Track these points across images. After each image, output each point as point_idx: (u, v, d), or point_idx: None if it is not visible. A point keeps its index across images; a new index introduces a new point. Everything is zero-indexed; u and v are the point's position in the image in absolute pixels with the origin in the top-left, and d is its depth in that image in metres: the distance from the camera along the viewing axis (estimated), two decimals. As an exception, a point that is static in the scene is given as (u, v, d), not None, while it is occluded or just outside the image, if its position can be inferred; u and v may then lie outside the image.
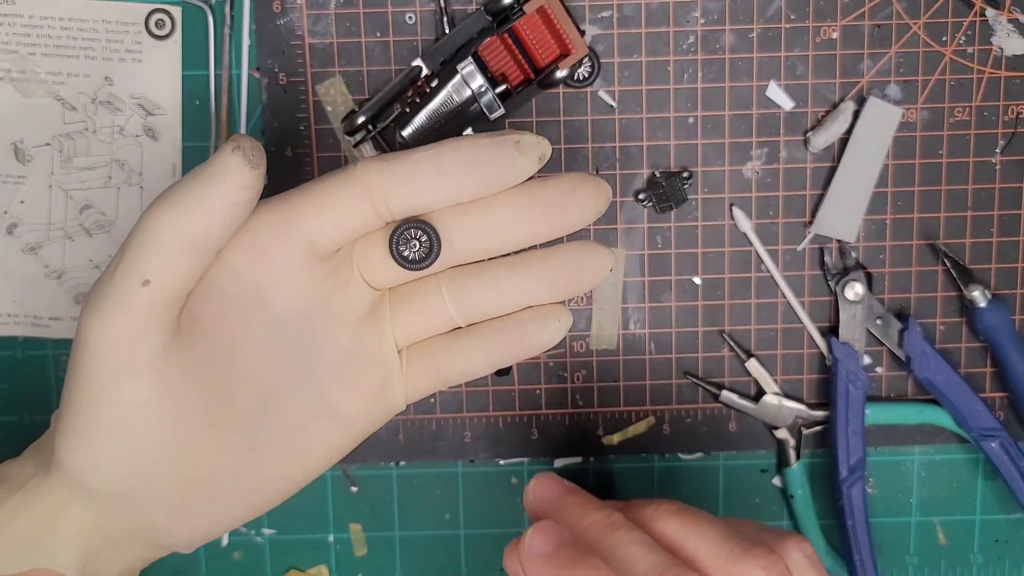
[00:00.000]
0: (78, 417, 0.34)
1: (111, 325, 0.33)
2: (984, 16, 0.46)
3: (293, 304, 0.35)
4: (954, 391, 0.48)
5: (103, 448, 0.34)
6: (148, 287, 0.32)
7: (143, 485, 0.35)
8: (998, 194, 0.48)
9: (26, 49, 0.47)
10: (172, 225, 0.32)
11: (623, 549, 0.35)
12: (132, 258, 0.33)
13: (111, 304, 0.32)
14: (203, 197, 0.32)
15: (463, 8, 0.46)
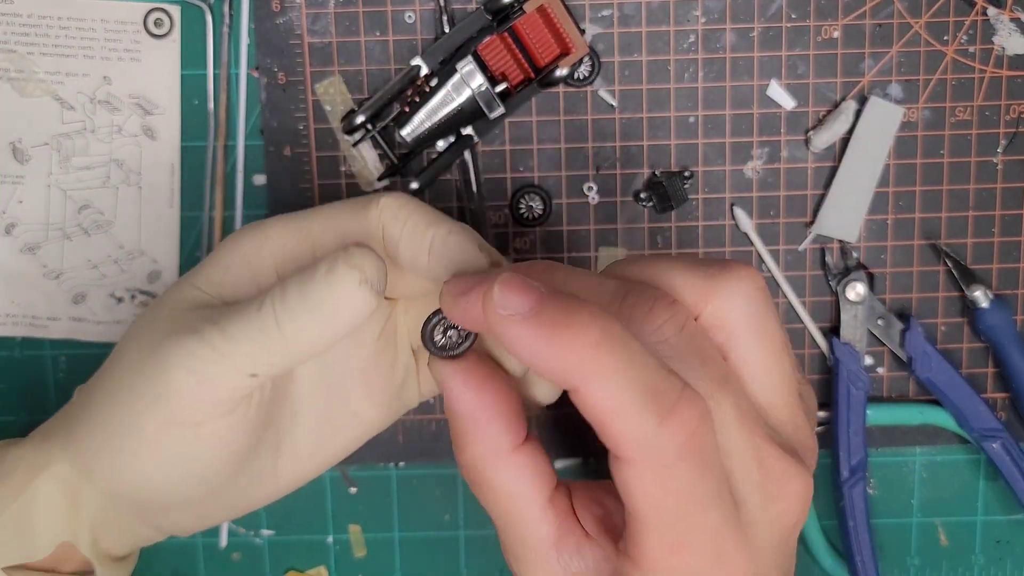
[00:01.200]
0: (137, 441, 0.34)
1: (206, 391, 0.32)
2: (986, 15, 0.46)
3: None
4: (956, 392, 0.48)
5: (154, 471, 0.34)
6: (255, 378, 0.33)
7: (172, 496, 0.36)
8: (1000, 194, 0.48)
9: (24, 48, 0.47)
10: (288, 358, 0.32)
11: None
12: (245, 353, 0.32)
13: (212, 375, 0.32)
14: (321, 341, 0.32)
15: (463, 7, 0.46)
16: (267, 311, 0.31)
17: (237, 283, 0.35)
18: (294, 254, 0.35)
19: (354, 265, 0.30)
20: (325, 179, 0.47)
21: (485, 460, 0.31)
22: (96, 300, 0.49)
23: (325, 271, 0.31)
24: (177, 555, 0.51)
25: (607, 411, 0.26)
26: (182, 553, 0.51)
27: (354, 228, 0.34)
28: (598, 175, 0.48)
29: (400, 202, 0.34)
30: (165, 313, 0.35)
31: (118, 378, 0.35)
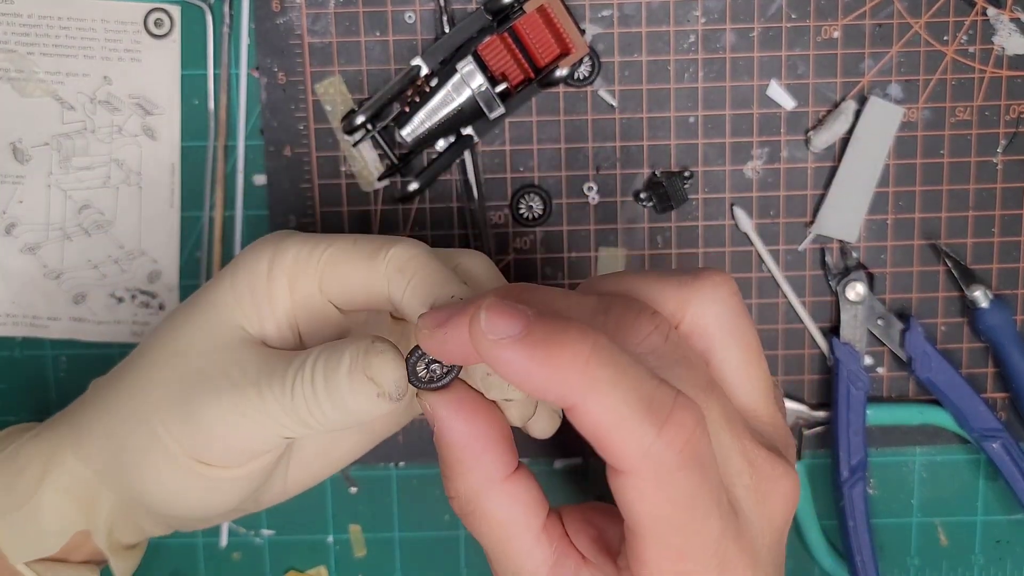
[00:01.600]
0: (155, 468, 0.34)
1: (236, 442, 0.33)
2: (986, 15, 0.46)
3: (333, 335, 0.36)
4: (955, 392, 0.48)
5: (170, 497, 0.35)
6: (288, 439, 0.34)
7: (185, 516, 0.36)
8: (1000, 194, 0.48)
9: (24, 48, 0.47)
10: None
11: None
12: (277, 421, 0.33)
13: (245, 431, 0.33)
14: (345, 426, 0.32)
15: (463, 7, 0.46)
16: (298, 390, 0.32)
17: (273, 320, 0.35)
18: (307, 290, 0.35)
19: (371, 377, 0.31)
20: (325, 179, 0.48)
21: (478, 490, 0.31)
22: (96, 300, 0.49)
23: (347, 374, 0.31)
24: (177, 555, 0.51)
25: (605, 425, 0.26)
26: (182, 553, 0.51)
27: (359, 276, 0.34)
28: (598, 175, 0.48)
29: (410, 255, 0.33)
30: (206, 347, 0.35)
31: (143, 394, 0.35)
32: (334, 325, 0.35)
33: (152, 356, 0.36)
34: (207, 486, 0.34)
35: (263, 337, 0.35)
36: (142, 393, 0.35)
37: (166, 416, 0.34)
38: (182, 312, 0.36)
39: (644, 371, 0.27)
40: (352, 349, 0.31)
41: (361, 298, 0.34)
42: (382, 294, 0.34)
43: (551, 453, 0.50)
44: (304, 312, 0.35)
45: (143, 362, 0.36)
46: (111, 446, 0.35)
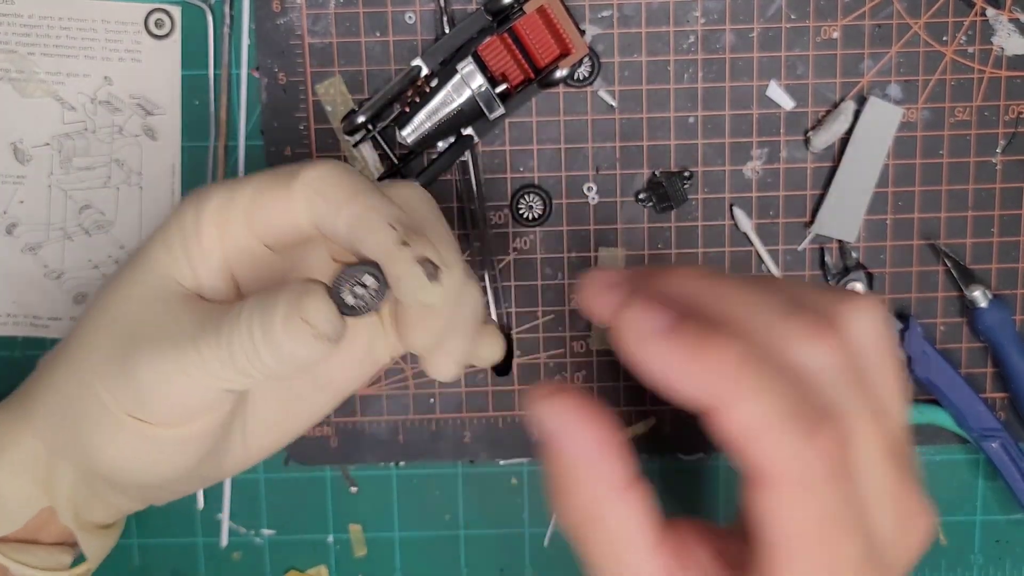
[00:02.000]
0: (103, 432, 0.34)
1: (178, 398, 0.33)
2: (985, 16, 0.46)
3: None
4: (955, 391, 0.48)
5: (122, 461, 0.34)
6: (230, 392, 0.33)
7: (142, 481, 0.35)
8: (999, 194, 0.48)
9: (25, 49, 0.47)
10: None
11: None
12: (217, 373, 0.32)
13: (186, 386, 0.32)
14: (285, 374, 0.32)
15: (463, 8, 0.46)
16: (234, 339, 0.31)
17: (206, 270, 0.34)
18: (238, 235, 0.34)
19: (306, 320, 0.31)
20: (325, 179, 0.48)
21: (599, 501, 0.29)
22: (97, 300, 0.49)
23: (283, 317, 0.31)
24: (177, 554, 0.51)
25: (750, 430, 0.25)
26: (182, 553, 0.51)
27: (280, 208, 0.33)
28: (598, 175, 0.48)
29: (322, 174, 0.33)
30: (141, 303, 0.34)
31: (85, 360, 0.34)
32: (272, 270, 0.35)
33: (90, 322, 0.35)
34: (154, 448, 0.34)
35: (199, 291, 0.34)
36: (84, 359, 0.34)
37: (106, 377, 0.33)
38: (117, 276, 0.36)
39: (798, 380, 0.26)
40: (286, 294, 0.31)
41: (289, 232, 0.33)
42: (302, 221, 0.33)
43: (551, 453, 0.50)
44: (239, 260, 0.34)
45: (83, 330, 0.35)
46: (60, 417, 0.35)
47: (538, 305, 0.49)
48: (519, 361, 0.49)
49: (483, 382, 0.49)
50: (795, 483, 0.26)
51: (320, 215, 0.33)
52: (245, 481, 0.50)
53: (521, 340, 0.49)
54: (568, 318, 0.49)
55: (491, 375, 0.49)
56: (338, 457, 0.50)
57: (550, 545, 0.51)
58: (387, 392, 0.49)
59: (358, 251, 0.32)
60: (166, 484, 0.36)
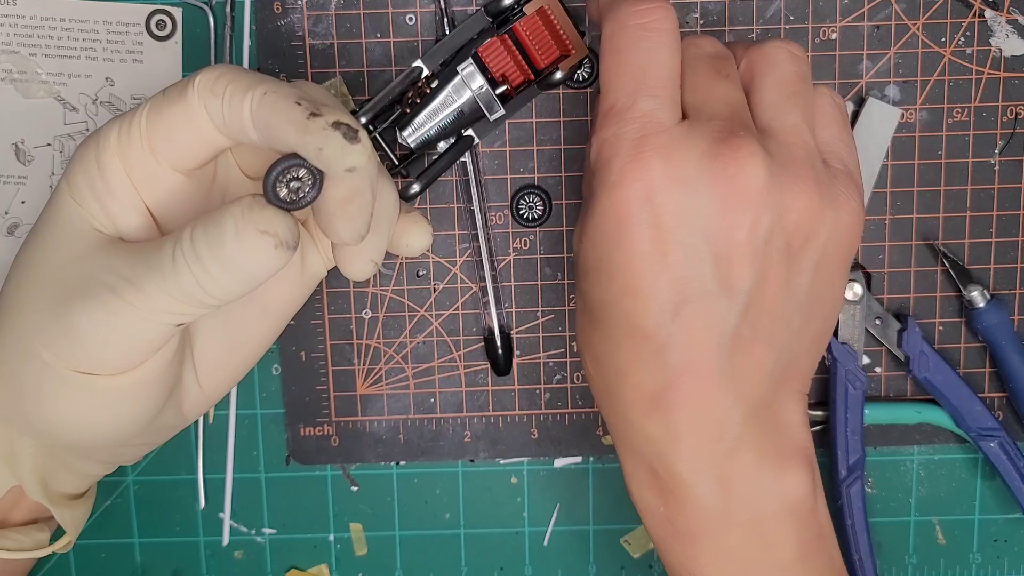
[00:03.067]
0: (50, 393, 0.33)
1: (123, 344, 0.32)
2: (983, 17, 0.46)
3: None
4: (953, 391, 0.48)
5: (75, 420, 0.33)
6: (174, 327, 0.32)
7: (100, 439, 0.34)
8: (997, 194, 0.48)
9: (27, 50, 0.47)
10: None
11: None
12: (163, 308, 0.31)
13: (131, 329, 0.31)
14: (240, 293, 0.31)
15: (463, 9, 0.46)
16: (181, 267, 0.30)
17: (120, 213, 0.33)
18: (144, 167, 0.33)
19: (265, 231, 0.30)
20: (326, 180, 0.48)
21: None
22: (99, 300, 0.49)
23: (235, 232, 0.30)
24: (178, 554, 0.51)
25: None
26: (184, 552, 0.51)
27: (180, 123, 0.32)
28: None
29: (215, 75, 0.32)
30: (64, 260, 0.33)
31: (17, 323, 0.33)
32: (188, 198, 0.34)
33: (15, 285, 0.34)
34: (107, 400, 0.33)
35: (118, 233, 0.33)
36: (16, 324, 0.33)
37: (45, 336, 0.32)
38: (31, 234, 0.35)
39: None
40: (233, 210, 0.30)
41: (190, 143, 0.33)
42: (206, 130, 0.32)
43: (551, 452, 0.50)
44: (152, 194, 0.33)
45: (7, 296, 0.34)
46: (6, 387, 0.34)
47: (538, 305, 0.49)
48: (519, 361, 0.49)
49: (483, 382, 0.49)
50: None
51: (224, 115, 0.32)
52: (246, 480, 0.51)
53: (521, 340, 0.49)
54: (568, 318, 0.49)
55: (491, 375, 0.49)
56: (339, 456, 0.50)
57: (550, 545, 0.51)
58: (388, 392, 0.50)
59: (269, 140, 0.31)
60: (127, 439, 0.35)
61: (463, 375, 0.49)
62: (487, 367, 0.49)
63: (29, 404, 0.33)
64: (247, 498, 0.51)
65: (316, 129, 0.30)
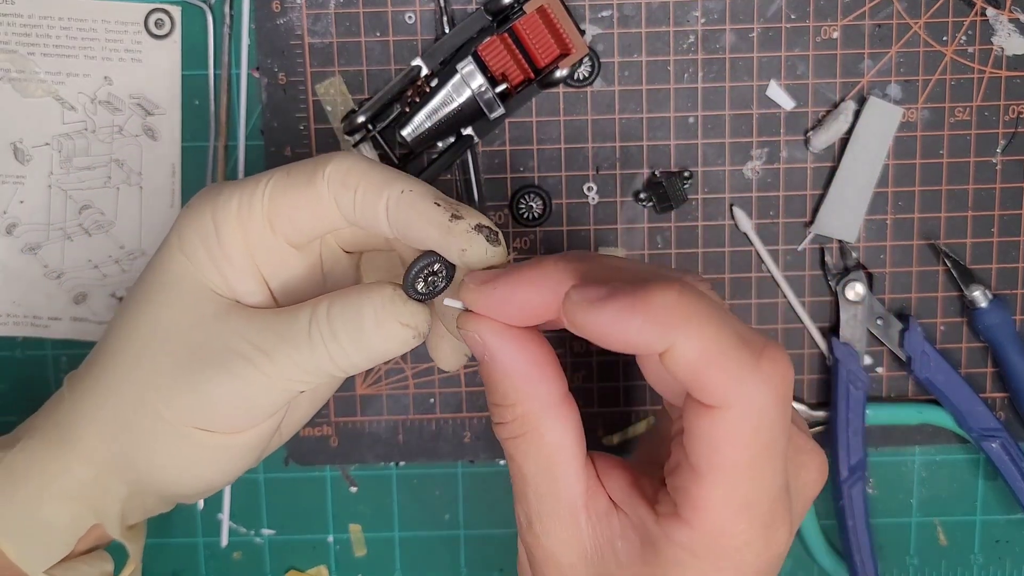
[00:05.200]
0: (166, 448, 0.34)
1: (250, 409, 0.34)
2: (985, 16, 0.46)
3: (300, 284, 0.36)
4: (955, 391, 0.48)
5: (182, 475, 0.35)
6: (300, 393, 0.35)
7: (197, 490, 0.37)
8: (999, 194, 0.48)
9: (25, 49, 0.47)
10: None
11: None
12: (291, 377, 0.33)
13: (259, 396, 0.33)
14: (366, 367, 0.33)
15: (463, 8, 0.46)
16: (317, 343, 0.33)
17: (235, 277, 0.35)
18: (260, 235, 0.34)
19: (407, 324, 0.32)
20: (325, 179, 0.48)
21: (535, 414, 0.31)
22: (97, 300, 0.49)
23: (375, 321, 0.32)
24: (178, 555, 0.51)
25: (701, 359, 0.27)
26: (183, 552, 0.51)
27: (304, 204, 0.34)
28: (598, 175, 0.48)
29: (347, 167, 0.33)
30: (185, 320, 0.34)
31: (139, 378, 0.34)
32: (296, 268, 0.35)
33: (128, 338, 0.35)
34: (219, 456, 0.35)
35: (235, 296, 0.34)
36: (132, 377, 0.34)
37: (167, 394, 0.34)
38: (142, 290, 0.35)
39: (731, 314, 0.28)
40: (374, 299, 0.32)
41: (312, 226, 0.34)
42: (331, 216, 0.34)
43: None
44: (266, 261, 0.35)
45: (119, 346, 0.35)
46: (113, 436, 0.35)
47: (538, 305, 0.49)
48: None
49: (483, 382, 0.49)
50: (743, 409, 0.27)
51: (355, 209, 0.33)
52: (245, 481, 0.50)
53: (521, 340, 0.49)
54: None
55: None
56: (338, 457, 0.50)
57: (550, 545, 0.51)
58: (387, 392, 0.49)
59: (407, 238, 0.33)
60: (217, 488, 0.37)
61: (463, 375, 0.49)
62: (487, 367, 0.49)
63: (139, 453, 0.35)
64: (246, 499, 0.51)
65: (459, 232, 0.31)
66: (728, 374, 0.27)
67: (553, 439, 0.31)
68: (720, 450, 0.28)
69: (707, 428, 0.28)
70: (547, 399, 0.32)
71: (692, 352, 0.27)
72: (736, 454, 0.28)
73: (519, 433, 0.32)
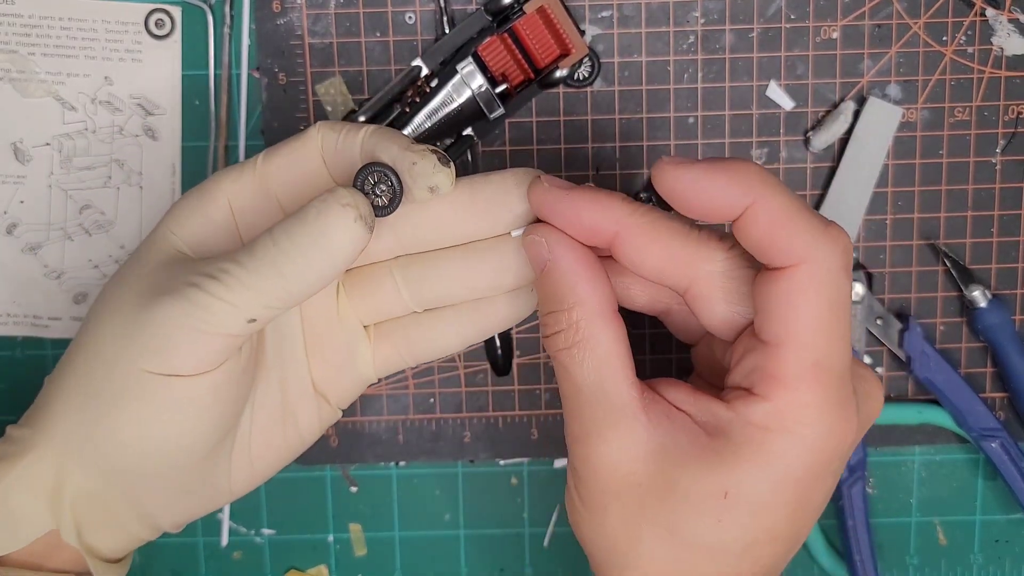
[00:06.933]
0: (125, 400, 0.33)
1: (204, 341, 0.32)
2: (984, 16, 0.46)
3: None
4: (954, 391, 0.48)
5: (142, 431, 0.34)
6: (252, 324, 0.33)
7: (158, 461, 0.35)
8: (998, 194, 0.48)
9: (26, 49, 0.47)
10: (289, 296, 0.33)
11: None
12: (244, 299, 0.32)
13: (211, 323, 0.32)
14: (319, 279, 0.32)
15: (463, 8, 0.46)
16: (261, 255, 0.32)
17: (213, 238, 0.35)
18: (249, 199, 0.35)
19: (347, 204, 0.31)
20: (326, 179, 0.48)
21: (591, 318, 0.32)
22: (97, 300, 0.49)
23: (316, 213, 0.31)
24: (178, 554, 0.51)
25: (778, 217, 0.30)
26: (183, 552, 0.51)
27: (297, 153, 0.35)
28: (598, 175, 0.48)
29: (327, 121, 0.35)
30: (146, 272, 0.34)
31: (97, 345, 0.34)
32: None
33: (93, 316, 0.35)
34: (177, 406, 0.33)
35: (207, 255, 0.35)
36: (94, 343, 0.34)
37: (121, 338, 0.33)
38: (118, 271, 0.36)
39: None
40: (316, 199, 0.32)
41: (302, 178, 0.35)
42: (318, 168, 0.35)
43: (551, 452, 0.50)
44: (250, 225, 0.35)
45: (87, 324, 0.35)
46: (80, 411, 0.34)
47: (538, 305, 0.49)
48: (519, 361, 0.49)
49: (483, 382, 0.49)
50: (814, 268, 0.30)
51: (337, 144, 0.34)
52: (245, 481, 0.50)
53: (521, 340, 0.49)
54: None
55: (491, 375, 0.49)
56: (338, 457, 0.50)
57: (550, 545, 0.51)
58: (387, 392, 0.49)
59: (371, 152, 0.34)
60: (186, 464, 0.35)
61: (463, 375, 0.49)
62: (487, 367, 0.49)
63: (99, 418, 0.34)
64: (246, 499, 0.50)
65: (417, 149, 0.33)
66: (801, 233, 0.30)
67: (608, 346, 0.32)
68: (795, 308, 0.30)
69: (783, 289, 0.30)
70: (603, 305, 0.33)
71: (770, 211, 0.30)
72: (810, 312, 0.30)
73: (574, 342, 0.33)
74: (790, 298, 0.30)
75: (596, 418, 0.33)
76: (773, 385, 0.31)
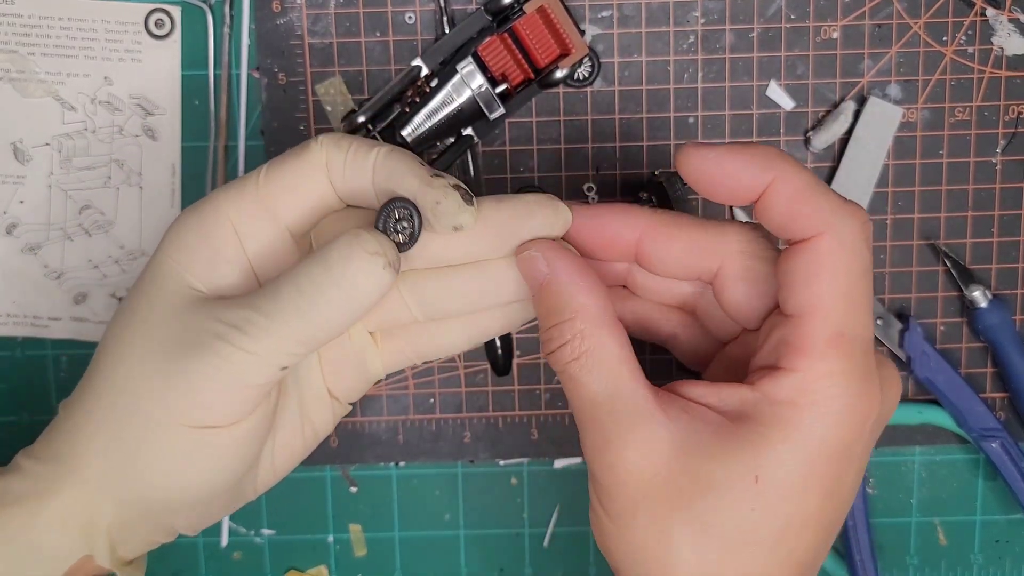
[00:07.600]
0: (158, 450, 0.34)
1: (237, 393, 0.33)
2: (984, 16, 0.46)
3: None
4: (954, 391, 0.48)
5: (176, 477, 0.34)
6: (283, 371, 0.33)
7: (190, 498, 0.35)
8: (999, 194, 0.48)
9: (25, 49, 0.47)
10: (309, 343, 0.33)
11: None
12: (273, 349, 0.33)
13: (244, 377, 0.32)
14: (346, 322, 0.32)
15: (463, 8, 0.46)
16: (286, 302, 0.32)
17: (227, 277, 0.35)
18: (254, 225, 0.35)
19: (374, 252, 0.31)
20: (325, 179, 0.48)
21: (597, 325, 0.33)
22: (97, 300, 0.49)
23: (340, 258, 0.31)
24: (178, 555, 0.51)
25: (799, 192, 0.31)
26: (183, 553, 0.51)
27: (301, 172, 0.34)
28: (598, 175, 0.48)
29: (338, 135, 0.35)
30: (165, 317, 0.34)
31: (123, 388, 0.34)
32: (288, 262, 0.35)
33: (114, 346, 0.35)
34: (212, 452, 0.34)
35: (219, 293, 0.34)
36: (119, 383, 0.34)
37: (156, 392, 0.33)
38: (127, 300, 0.36)
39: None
40: (338, 244, 0.32)
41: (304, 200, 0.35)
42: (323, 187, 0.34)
43: (551, 452, 0.50)
44: (256, 251, 0.35)
45: (106, 357, 0.35)
46: (105, 450, 0.34)
47: (538, 305, 0.49)
48: (519, 361, 0.49)
49: (483, 382, 0.49)
50: (838, 237, 0.31)
51: (345, 167, 0.34)
52: (245, 481, 0.50)
53: (521, 340, 0.49)
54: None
55: (491, 375, 0.49)
56: (338, 457, 0.50)
57: (550, 545, 0.51)
58: (387, 392, 0.49)
59: (386, 183, 0.33)
60: (216, 495, 0.36)
61: (463, 375, 0.49)
62: (487, 367, 0.49)
63: (130, 464, 0.34)
64: (246, 499, 0.51)
65: (439, 184, 0.33)
66: (822, 205, 0.31)
67: (616, 351, 0.33)
68: (818, 277, 0.31)
69: (806, 260, 0.31)
70: (604, 313, 0.33)
71: (791, 185, 0.31)
72: (833, 280, 0.31)
73: (581, 351, 0.32)
74: (813, 267, 0.31)
75: (615, 424, 0.32)
76: (798, 356, 0.31)
